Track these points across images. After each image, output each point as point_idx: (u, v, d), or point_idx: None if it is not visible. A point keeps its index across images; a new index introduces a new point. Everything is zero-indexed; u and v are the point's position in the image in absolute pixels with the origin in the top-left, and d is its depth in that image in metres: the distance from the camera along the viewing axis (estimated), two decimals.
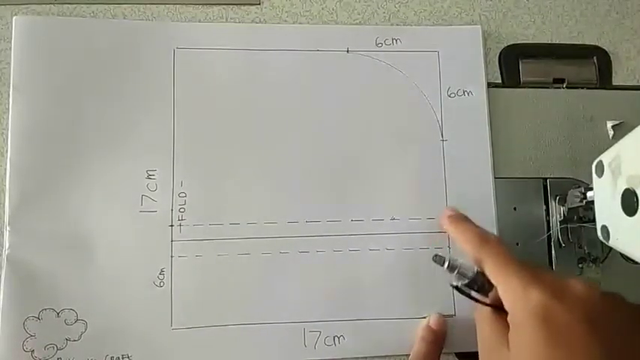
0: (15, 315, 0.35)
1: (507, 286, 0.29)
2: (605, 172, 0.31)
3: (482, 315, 0.32)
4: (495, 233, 0.39)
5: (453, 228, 0.37)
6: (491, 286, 0.32)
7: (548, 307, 0.26)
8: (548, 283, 0.28)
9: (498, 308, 0.30)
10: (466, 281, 0.32)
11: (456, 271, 0.33)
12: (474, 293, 0.33)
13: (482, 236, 0.34)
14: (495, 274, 0.30)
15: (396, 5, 0.43)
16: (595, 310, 0.26)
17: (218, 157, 0.39)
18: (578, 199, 0.37)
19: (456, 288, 0.33)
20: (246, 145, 0.39)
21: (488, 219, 0.39)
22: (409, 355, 0.37)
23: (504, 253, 0.31)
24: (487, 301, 0.32)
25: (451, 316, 0.38)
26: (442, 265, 0.33)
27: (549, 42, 0.44)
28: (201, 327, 0.37)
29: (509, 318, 0.29)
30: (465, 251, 0.34)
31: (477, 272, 0.32)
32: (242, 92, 0.40)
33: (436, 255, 0.34)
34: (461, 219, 0.37)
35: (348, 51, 0.41)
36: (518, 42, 0.43)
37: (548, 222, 0.40)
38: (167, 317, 0.37)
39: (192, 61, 0.40)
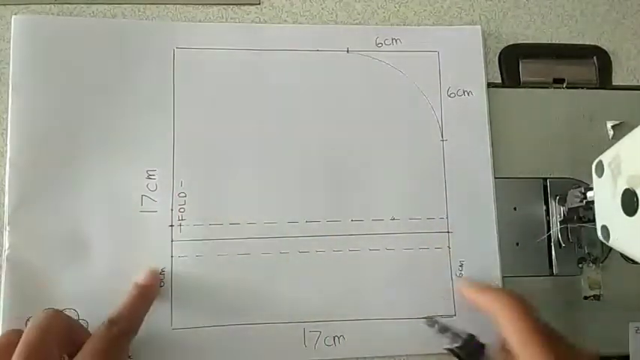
0: (15, 315, 0.35)
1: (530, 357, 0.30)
2: (605, 172, 0.31)
3: None
4: (495, 233, 0.39)
5: (474, 297, 0.36)
6: (482, 354, 0.32)
7: None
8: (566, 356, 0.29)
9: None
10: (459, 344, 0.33)
11: (447, 333, 0.34)
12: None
13: (501, 298, 0.33)
14: (518, 345, 0.30)
15: (396, 5, 0.43)
16: None
17: (218, 157, 0.39)
18: (578, 199, 0.37)
19: (449, 350, 0.34)
20: (246, 145, 0.39)
21: (488, 219, 0.40)
22: (409, 355, 0.37)
23: (526, 320, 0.31)
24: None
25: (451, 316, 0.38)
26: (433, 327, 0.34)
27: (549, 42, 0.44)
28: (201, 327, 0.37)
29: None
30: (486, 316, 0.33)
31: (469, 336, 0.33)
32: (242, 92, 0.40)
33: (427, 317, 0.35)
34: (479, 287, 0.36)
35: (348, 51, 0.41)
36: (518, 42, 0.43)
37: (548, 222, 0.40)
38: (167, 317, 0.37)
39: (192, 61, 0.40)
